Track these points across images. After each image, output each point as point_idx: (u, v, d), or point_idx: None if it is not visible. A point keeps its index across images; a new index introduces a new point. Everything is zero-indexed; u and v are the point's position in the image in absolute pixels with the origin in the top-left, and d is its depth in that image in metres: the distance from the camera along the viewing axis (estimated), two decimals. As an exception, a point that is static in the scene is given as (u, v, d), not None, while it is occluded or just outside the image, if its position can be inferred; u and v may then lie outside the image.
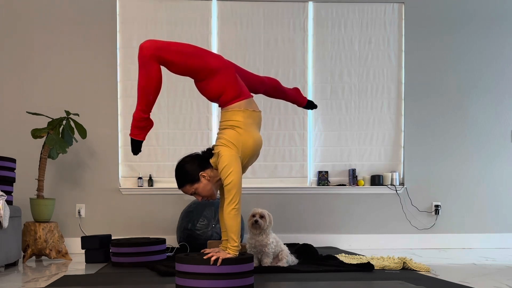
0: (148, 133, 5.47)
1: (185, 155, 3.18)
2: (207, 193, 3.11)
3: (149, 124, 3.14)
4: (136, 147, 3.14)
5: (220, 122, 3.16)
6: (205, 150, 3.17)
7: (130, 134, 3.12)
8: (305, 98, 3.81)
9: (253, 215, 3.77)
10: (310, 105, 3.84)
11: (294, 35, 5.59)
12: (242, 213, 4.49)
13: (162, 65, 3.04)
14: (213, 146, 3.12)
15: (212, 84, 3.10)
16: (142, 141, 3.15)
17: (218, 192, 3.26)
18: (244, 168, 3.09)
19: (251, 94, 3.22)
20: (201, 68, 3.07)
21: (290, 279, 3.44)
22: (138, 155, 3.21)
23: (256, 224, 3.73)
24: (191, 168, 3.08)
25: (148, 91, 3.02)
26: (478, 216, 5.61)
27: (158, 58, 2.98)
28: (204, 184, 3.08)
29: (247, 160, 3.09)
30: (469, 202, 5.62)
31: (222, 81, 3.09)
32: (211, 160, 3.07)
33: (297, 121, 5.57)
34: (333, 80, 5.62)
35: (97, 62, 5.36)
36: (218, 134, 3.14)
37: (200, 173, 3.07)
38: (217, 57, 3.18)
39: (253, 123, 3.13)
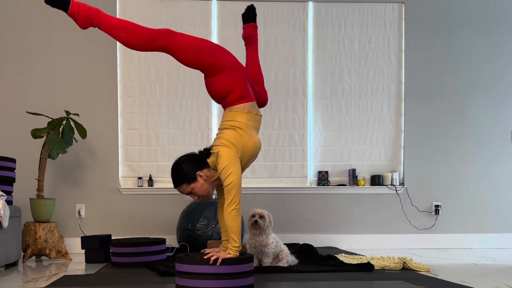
0: (148, 133, 5.52)
1: (182, 154, 3.19)
2: (204, 192, 3.10)
3: (86, 21, 3.01)
4: (58, 3, 3.02)
5: (222, 121, 3.15)
6: (202, 149, 3.17)
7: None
8: (247, 29, 3.48)
9: (253, 215, 3.77)
10: (247, 18, 3.47)
11: (294, 35, 5.59)
12: (242, 213, 4.48)
13: (171, 55, 3.07)
14: (212, 146, 3.12)
15: (221, 81, 3.09)
16: (66, 11, 3.02)
17: (215, 191, 3.25)
18: (242, 170, 3.08)
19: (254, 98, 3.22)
20: (212, 64, 3.06)
21: (290, 279, 3.44)
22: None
23: (256, 224, 3.73)
24: (188, 167, 3.07)
25: (125, 34, 2.97)
26: (478, 216, 5.61)
27: (164, 49, 3.02)
28: (201, 183, 3.07)
29: (245, 161, 3.09)
30: (469, 202, 5.62)
31: (231, 79, 3.09)
32: (209, 160, 3.06)
33: (297, 121, 5.57)
34: (333, 80, 5.62)
35: (97, 62, 5.36)
36: (218, 134, 3.14)
37: (197, 173, 3.06)
38: (230, 55, 3.18)
39: (254, 126, 3.14)
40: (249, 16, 3.45)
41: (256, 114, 3.15)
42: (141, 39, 3.01)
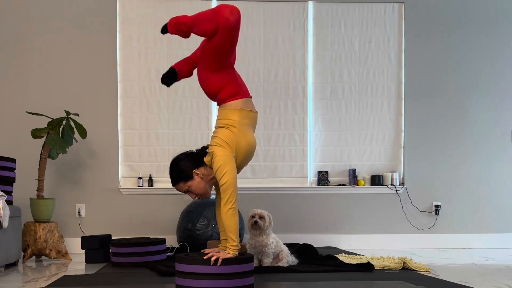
0: (148, 133, 5.53)
1: (179, 152, 3.19)
2: (201, 191, 3.11)
3: (183, 31, 3.12)
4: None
5: (217, 120, 3.15)
6: (200, 148, 3.17)
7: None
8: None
9: (253, 216, 3.76)
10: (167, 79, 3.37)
11: (294, 35, 5.59)
12: (243, 213, 4.50)
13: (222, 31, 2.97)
14: (208, 145, 3.12)
15: (215, 78, 3.08)
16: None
17: (214, 190, 3.25)
18: (238, 169, 3.08)
19: (250, 94, 3.21)
20: (225, 57, 3.04)
21: (290, 279, 3.44)
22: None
23: (255, 224, 3.73)
24: (185, 166, 3.08)
25: (201, 26, 3.01)
26: (478, 216, 5.61)
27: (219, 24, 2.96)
28: (197, 182, 3.08)
29: (240, 160, 3.07)
30: (469, 202, 5.62)
31: (224, 78, 3.08)
32: (205, 159, 3.07)
33: (297, 121, 5.57)
34: (333, 80, 5.62)
35: (97, 62, 5.36)
36: (213, 133, 3.14)
37: (193, 171, 3.06)
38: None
39: (249, 124, 3.11)
40: (172, 79, 3.36)
41: (250, 111, 3.12)
42: (209, 24, 2.98)
